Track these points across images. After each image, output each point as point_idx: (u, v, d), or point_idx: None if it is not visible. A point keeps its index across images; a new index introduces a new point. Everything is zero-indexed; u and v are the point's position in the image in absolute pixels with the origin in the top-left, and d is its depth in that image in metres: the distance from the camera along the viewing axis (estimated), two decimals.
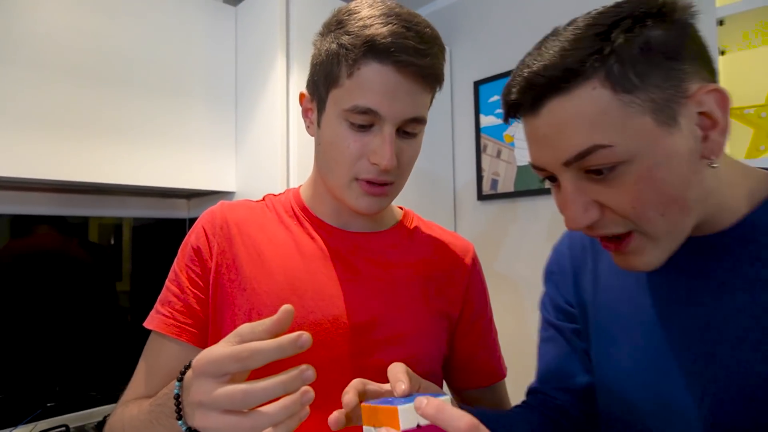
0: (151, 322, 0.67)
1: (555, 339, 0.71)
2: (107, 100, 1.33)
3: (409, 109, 0.62)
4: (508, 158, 1.82)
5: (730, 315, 0.51)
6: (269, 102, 1.46)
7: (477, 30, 1.96)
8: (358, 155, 0.63)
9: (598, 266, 0.66)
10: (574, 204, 0.49)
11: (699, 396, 0.52)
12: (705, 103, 0.47)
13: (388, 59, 0.59)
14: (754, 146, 1.23)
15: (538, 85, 0.47)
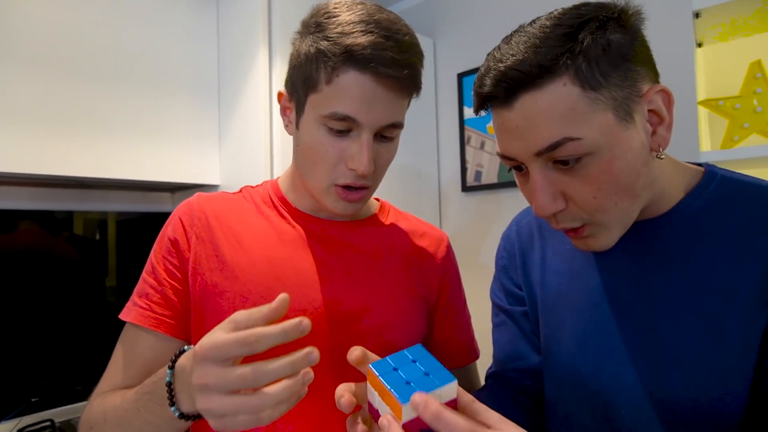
0: (128, 315, 0.67)
1: (506, 323, 0.75)
2: (89, 94, 1.32)
3: (386, 116, 0.63)
4: (491, 150, 1.83)
5: (668, 290, 0.56)
6: (252, 95, 1.46)
7: (461, 22, 1.97)
8: (336, 161, 0.64)
9: (546, 251, 0.70)
10: (543, 192, 0.53)
11: (644, 369, 0.56)
12: (654, 102, 0.52)
13: (367, 69, 0.60)
14: (728, 137, 1.25)
15: (513, 79, 0.50)
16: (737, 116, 1.24)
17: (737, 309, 0.51)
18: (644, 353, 0.57)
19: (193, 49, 1.54)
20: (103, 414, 0.60)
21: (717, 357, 0.52)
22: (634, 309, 0.58)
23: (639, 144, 0.51)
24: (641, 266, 0.59)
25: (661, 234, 0.58)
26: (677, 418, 0.54)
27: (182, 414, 0.50)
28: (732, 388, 0.51)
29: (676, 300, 0.55)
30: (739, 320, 0.51)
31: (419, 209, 1.91)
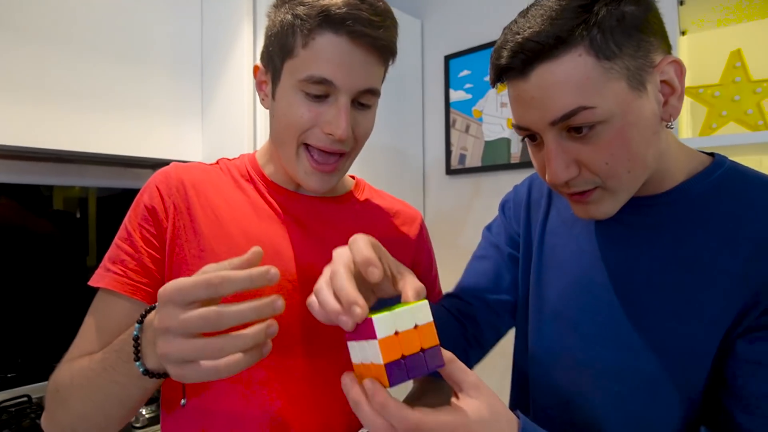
0: (101, 281, 0.65)
1: (491, 258, 0.78)
2: (69, 66, 1.29)
3: (363, 80, 0.63)
4: (476, 133, 1.84)
5: (654, 264, 0.58)
6: (235, 70, 1.43)
7: (448, 4, 1.96)
8: (310, 124, 0.64)
9: (551, 212, 0.72)
10: (557, 160, 0.54)
11: (614, 335, 0.59)
12: (666, 73, 0.53)
13: (343, 29, 0.60)
14: (707, 124, 1.28)
15: (530, 50, 0.51)
16: (716, 104, 1.26)
17: (717, 288, 0.53)
18: (618, 320, 0.59)
19: (176, 23, 1.51)
20: (70, 376, 0.59)
21: (688, 331, 0.54)
22: (618, 277, 0.61)
23: (651, 113, 0.53)
24: (633, 239, 0.61)
25: (657, 211, 0.60)
26: (643, 385, 0.56)
27: (147, 370, 0.49)
28: (698, 361, 0.54)
29: (660, 274, 0.58)
30: (718, 298, 0.53)
31: (403, 191, 1.92)
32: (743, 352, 0.51)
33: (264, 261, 0.67)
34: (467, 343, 0.73)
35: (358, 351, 0.44)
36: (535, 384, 0.68)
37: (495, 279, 0.76)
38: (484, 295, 0.75)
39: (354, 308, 0.41)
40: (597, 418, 0.60)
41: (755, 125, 1.22)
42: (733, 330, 0.52)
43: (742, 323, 0.52)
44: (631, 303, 0.59)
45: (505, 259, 0.76)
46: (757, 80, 1.22)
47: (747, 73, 1.23)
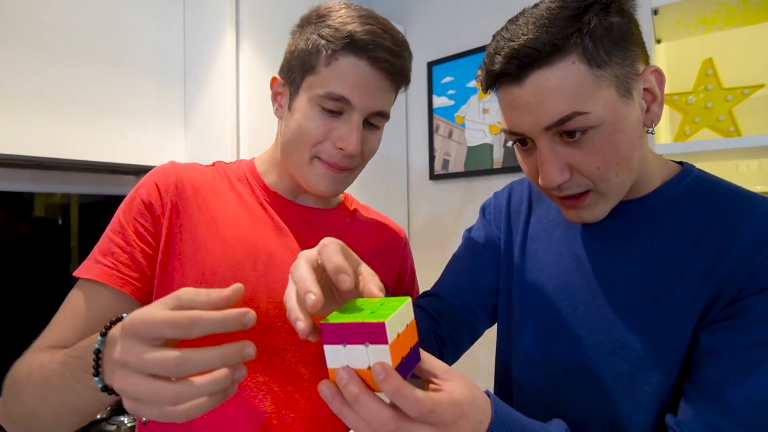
0: (89, 272, 0.63)
1: (470, 258, 0.79)
2: (51, 71, 1.28)
3: (377, 103, 0.68)
4: (459, 139, 1.86)
5: (628, 266, 0.61)
6: (219, 76, 1.44)
7: (431, 11, 1.98)
8: (323, 137, 0.67)
9: (531, 218, 0.75)
10: (551, 165, 0.56)
11: (591, 335, 0.62)
12: (649, 81, 0.57)
13: (365, 54, 0.65)
14: (681, 130, 1.31)
15: (526, 56, 0.53)
16: (690, 111, 1.30)
17: (686, 287, 0.57)
18: (597, 321, 0.62)
19: (158, 29, 1.51)
20: (29, 371, 0.57)
21: (661, 329, 0.57)
22: (596, 280, 0.64)
23: (636, 119, 0.56)
24: (610, 242, 0.64)
25: (630, 216, 0.63)
26: (620, 384, 0.59)
27: (105, 386, 0.47)
28: (671, 358, 0.57)
29: (635, 275, 0.61)
30: (686, 296, 0.56)
31: (388, 196, 1.93)
32: (705, 342, 0.54)
33: (258, 268, 0.69)
34: (441, 342, 0.74)
35: (342, 356, 0.40)
36: (518, 386, 0.70)
37: (473, 279, 0.77)
38: (461, 294, 0.76)
39: (308, 296, 0.40)
40: (579, 418, 0.62)
41: (727, 131, 1.26)
42: (699, 325, 0.55)
43: (706, 318, 0.55)
44: (608, 304, 0.62)
45: (485, 261, 0.78)
46: (728, 88, 1.26)
47: (718, 80, 1.27)
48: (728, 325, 0.53)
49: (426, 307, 0.76)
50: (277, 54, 1.51)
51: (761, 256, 0.53)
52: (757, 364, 0.50)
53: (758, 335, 0.51)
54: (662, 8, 1.30)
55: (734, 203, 0.58)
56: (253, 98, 1.42)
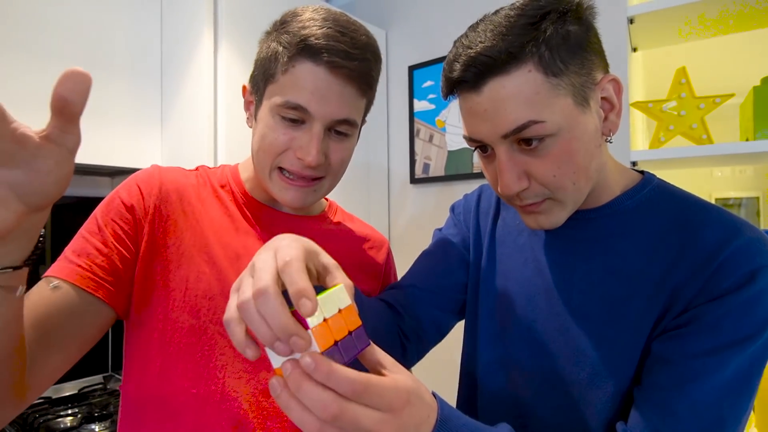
0: (62, 271, 0.60)
1: (439, 255, 0.79)
2: (25, 72, 1.25)
3: (338, 110, 0.65)
4: (439, 143, 1.87)
5: (586, 275, 0.62)
6: (196, 78, 1.42)
7: (412, 15, 1.99)
8: (284, 147, 0.66)
9: (498, 222, 0.75)
10: (509, 173, 0.56)
11: (555, 341, 0.63)
12: (606, 90, 0.57)
13: (320, 59, 0.63)
14: (656, 137, 1.33)
15: (482, 64, 0.53)
16: (664, 118, 1.32)
17: (641, 294, 0.57)
18: (557, 328, 0.63)
19: (135, 29, 1.49)
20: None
21: (618, 337, 0.58)
22: (558, 287, 0.64)
23: (593, 127, 0.56)
24: (571, 251, 0.65)
25: (591, 225, 0.63)
26: (579, 391, 0.60)
27: None
28: (626, 367, 0.57)
29: (591, 284, 0.61)
30: (641, 304, 0.57)
31: (369, 200, 1.93)
32: (656, 350, 0.55)
33: (230, 275, 0.67)
34: (404, 336, 0.73)
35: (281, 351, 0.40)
36: (481, 390, 0.70)
37: (442, 275, 0.77)
38: (428, 289, 0.76)
39: (295, 340, 0.38)
40: (540, 424, 0.63)
41: (699, 139, 1.29)
42: (652, 334, 0.56)
43: (659, 326, 0.56)
44: (567, 312, 0.62)
45: (455, 259, 0.78)
46: (700, 97, 1.29)
47: (691, 89, 1.30)
48: (678, 333, 0.54)
49: (389, 300, 0.74)
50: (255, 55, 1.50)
51: (712, 266, 0.53)
52: (703, 372, 0.51)
53: (706, 343, 0.52)
54: (638, 17, 1.33)
55: (690, 213, 0.59)
56: (231, 100, 1.41)
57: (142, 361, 0.66)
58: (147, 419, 0.65)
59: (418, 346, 0.75)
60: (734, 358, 0.51)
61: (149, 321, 0.66)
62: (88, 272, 0.61)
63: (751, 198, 1.41)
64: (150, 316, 0.66)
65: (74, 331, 0.60)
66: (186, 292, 0.65)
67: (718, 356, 0.51)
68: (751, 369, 0.52)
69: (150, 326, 0.66)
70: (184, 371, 0.65)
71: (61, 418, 1.31)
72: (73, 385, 1.53)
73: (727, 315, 0.51)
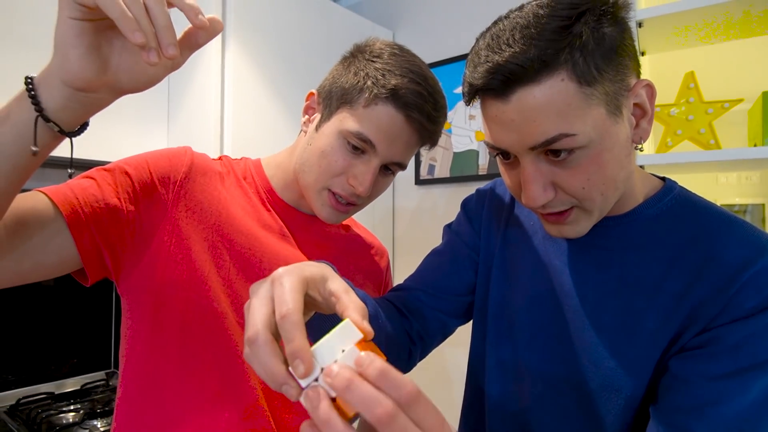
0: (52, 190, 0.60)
1: (448, 254, 0.77)
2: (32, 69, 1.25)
3: (399, 154, 0.70)
4: (445, 144, 1.87)
5: (601, 285, 0.60)
6: (203, 75, 1.42)
7: (419, 17, 1.99)
8: (339, 171, 0.69)
9: (510, 221, 0.73)
10: (535, 184, 0.54)
11: (558, 351, 0.61)
12: (640, 96, 0.53)
13: (403, 110, 0.67)
14: (663, 142, 1.33)
15: (511, 73, 0.49)
16: (672, 123, 1.32)
17: (657, 308, 0.55)
18: (570, 336, 0.61)
19: None
20: None
21: (631, 350, 0.56)
22: (572, 295, 0.62)
23: (625, 137, 0.53)
24: (583, 259, 0.63)
25: (611, 233, 0.61)
26: (588, 399, 0.58)
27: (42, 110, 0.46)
28: (636, 374, 0.56)
29: (609, 294, 0.59)
30: (656, 319, 0.55)
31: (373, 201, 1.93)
32: (675, 369, 0.53)
33: (264, 265, 0.69)
34: (410, 339, 0.72)
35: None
36: (488, 395, 0.69)
37: (450, 276, 0.75)
38: (435, 291, 0.74)
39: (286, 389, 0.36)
40: (548, 428, 0.62)
41: (707, 144, 1.28)
42: (669, 349, 0.54)
43: (677, 343, 0.54)
44: (580, 320, 0.60)
45: (464, 258, 0.76)
46: (708, 101, 1.28)
47: (699, 94, 1.29)
48: (698, 353, 0.52)
49: (395, 302, 0.73)
50: (263, 56, 1.50)
51: (736, 285, 0.51)
52: (724, 395, 0.49)
53: (727, 366, 0.50)
54: (647, 21, 1.32)
55: (713, 226, 0.56)
56: (238, 99, 1.41)
57: (156, 341, 0.66)
58: (146, 407, 0.65)
59: (422, 349, 0.74)
60: (756, 382, 0.49)
61: (160, 295, 0.66)
62: (75, 203, 0.60)
63: (756, 205, 1.41)
64: (162, 291, 0.66)
65: (37, 247, 0.57)
66: (204, 273, 0.66)
67: (740, 379, 0.49)
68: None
69: (159, 301, 0.66)
70: (203, 355, 0.66)
71: (64, 413, 1.32)
72: (76, 381, 1.53)
73: (750, 338, 0.49)
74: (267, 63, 1.49)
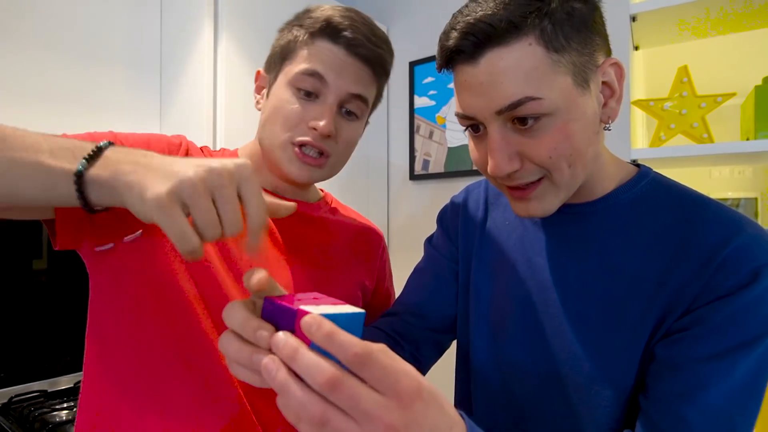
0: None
1: (431, 271, 0.77)
2: (23, 65, 1.23)
3: (353, 85, 0.68)
4: (439, 139, 1.86)
5: (582, 274, 0.60)
6: (196, 70, 1.41)
7: (414, 11, 1.98)
8: (298, 119, 0.67)
9: (488, 222, 0.73)
10: (500, 153, 0.54)
11: (545, 345, 0.61)
12: (608, 74, 0.54)
13: (341, 40, 0.67)
14: (656, 136, 1.33)
15: (481, 32, 0.51)
16: (665, 117, 1.32)
17: (639, 295, 0.55)
18: (555, 328, 0.61)
19: (134, 21, 1.47)
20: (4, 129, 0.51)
21: (616, 338, 0.56)
22: (554, 286, 0.62)
23: (592, 112, 0.54)
24: (562, 250, 0.62)
25: (586, 222, 0.61)
26: (580, 391, 0.58)
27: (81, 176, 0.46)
28: (624, 363, 0.56)
29: (587, 283, 0.59)
30: (639, 305, 0.55)
31: (368, 196, 1.93)
32: (661, 355, 0.53)
33: (242, 261, 0.67)
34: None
35: None
36: (477, 392, 0.69)
37: (435, 293, 0.75)
38: (423, 312, 0.74)
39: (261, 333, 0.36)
40: (540, 428, 0.61)
41: (700, 138, 1.29)
42: (654, 335, 0.54)
43: (661, 329, 0.54)
44: (564, 313, 0.60)
45: (445, 272, 0.75)
46: (701, 95, 1.29)
47: (693, 88, 1.29)
48: (684, 336, 0.52)
49: (385, 329, 0.73)
50: (256, 51, 1.49)
51: (714, 264, 0.51)
52: (712, 376, 0.49)
53: (713, 347, 0.50)
54: (640, 15, 1.32)
55: (689, 209, 0.57)
56: (230, 93, 1.40)
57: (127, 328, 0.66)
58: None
59: (417, 368, 0.73)
60: (742, 361, 0.49)
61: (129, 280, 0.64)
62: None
63: (749, 199, 1.41)
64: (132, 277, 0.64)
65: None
66: (180, 270, 0.64)
67: (726, 359, 0.49)
68: (760, 370, 0.50)
69: (131, 291, 0.64)
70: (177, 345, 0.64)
71: (57, 411, 1.31)
72: (69, 379, 1.52)
73: (732, 316, 0.50)
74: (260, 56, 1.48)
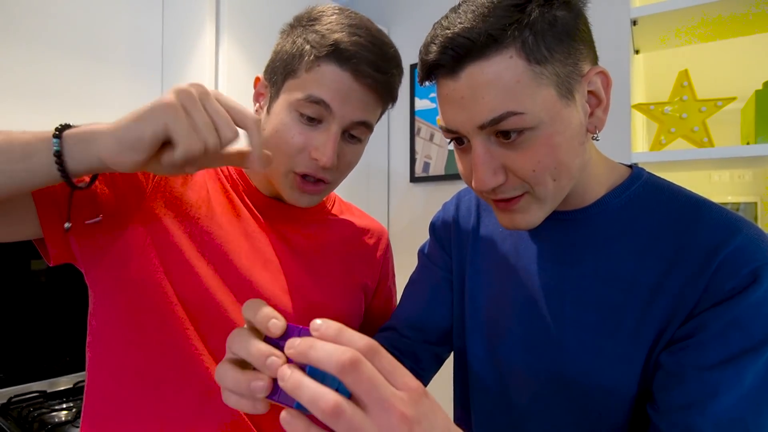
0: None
1: (426, 282, 0.76)
2: (24, 63, 1.24)
3: (358, 113, 0.65)
4: (440, 142, 1.87)
5: (577, 281, 0.58)
6: (197, 71, 1.41)
7: (415, 13, 1.98)
8: (300, 148, 0.65)
9: (480, 231, 0.71)
10: (484, 167, 0.52)
11: (542, 353, 0.60)
12: (594, 83, 0.53)
13: (348, 65, 0.63)
14: (657, 140, 1.34)
15: (460, 46, 0.49)
16: (665, 121, 1.32)
17: (635, 301, 0.54)
18: (552, 336, 0.59)
19: (135, 21, 1.47)
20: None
21: (612, 344, 0.55)
22: (549, 295, 0.61)
23: (578, 122, 0.52)
24: (556, 258, 0.61)
25: (579, 228, 0.60)
26: (582, 398, 0.57)
27: (60, 155, 0.49)
28: (624, 371, 0.54)
29: (582, 291, 0.58)
30: (636, 310, 0.54)
31: (368, 198, 1.93)
32: (667, 365, 0.51)
33: (242, 261, 0.68)
34: None
35: None
36: (475, 409, 0.68)
37: (431, 306, 0.74)
38: (421, 326, 0.73)
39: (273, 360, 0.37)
40: (538, 431, 0.60)
41: (701, 142, 1.29)
42: (658, 343, 0.53)
43: (664, 337, 0.52)
44: (561, 322, 0.59)
45: (441, 282, 0.74)
46: (701, 99, 1.29)
47: (693, 92, 1.30)
48: (688, 344, 0.50)
49: (384, 345, 0.71)
50: (257, 50, 1.49)
51: (712, 267, 0.50)
52: (722, 384, 0.48)
53: (719, 354, 0.48)
54: (641, 19, 1.32)
55: (683, 211, 0.55)
56: (231, 92, 1.39)
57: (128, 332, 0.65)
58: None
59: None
60: (750, 366, 0.47)
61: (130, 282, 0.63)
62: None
63: (749, 203, 1.42)
64: (135, 286, 0.64)
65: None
66: (184, 264, 0.64)
67: (734, 366, 0.48)
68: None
69: (130, 298, 0.64)
70: (174, 354, 0.64)
71: (56, 412, 1.31)
72: (68, 380, 1.52)
73: (735, 321, 0.48)
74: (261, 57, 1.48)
